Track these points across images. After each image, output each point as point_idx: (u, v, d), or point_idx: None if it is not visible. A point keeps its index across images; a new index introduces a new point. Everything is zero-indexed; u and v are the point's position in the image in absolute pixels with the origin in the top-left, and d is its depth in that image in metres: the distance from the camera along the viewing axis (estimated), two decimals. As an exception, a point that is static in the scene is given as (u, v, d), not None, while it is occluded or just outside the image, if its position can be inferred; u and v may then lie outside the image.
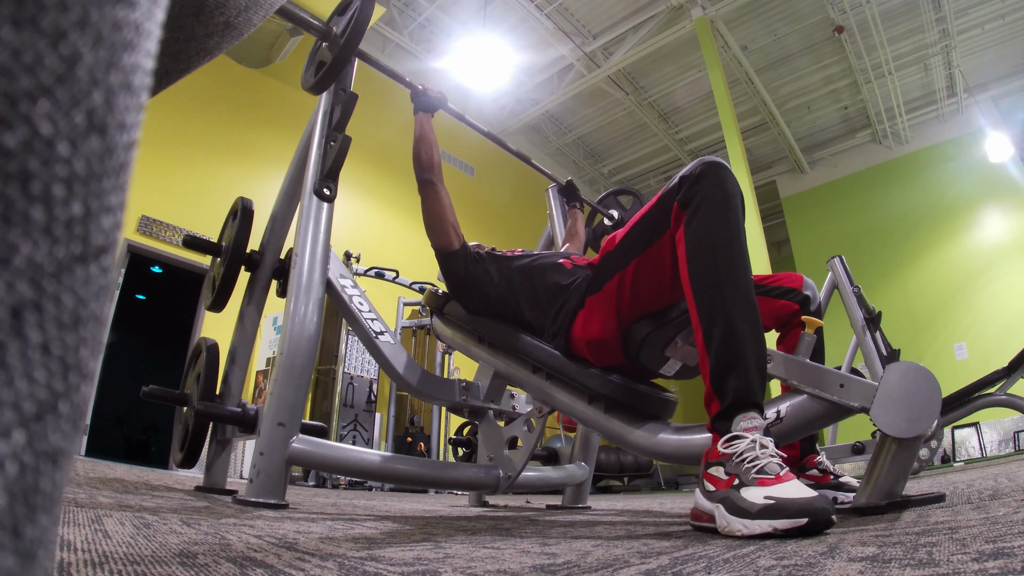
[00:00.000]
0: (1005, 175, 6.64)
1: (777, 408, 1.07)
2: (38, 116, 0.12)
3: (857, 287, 3.07)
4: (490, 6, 5.76)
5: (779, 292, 1.37)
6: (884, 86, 6.84)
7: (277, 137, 5.29)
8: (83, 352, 0.14)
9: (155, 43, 0.16)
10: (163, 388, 1.71)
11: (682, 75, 7.03)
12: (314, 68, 1.57)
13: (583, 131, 8.11)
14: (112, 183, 0.14)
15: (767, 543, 0.67)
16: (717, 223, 0.98)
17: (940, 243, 6.99)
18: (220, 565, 0.52)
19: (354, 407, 4.84)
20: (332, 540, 0.78)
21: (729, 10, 5.87)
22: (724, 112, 5.62)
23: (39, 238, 0.12)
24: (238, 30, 0.37)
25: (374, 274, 4.64)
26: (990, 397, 2.77)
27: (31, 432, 0.12)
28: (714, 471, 0.86)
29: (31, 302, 0.12)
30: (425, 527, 1.07)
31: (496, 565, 0.57)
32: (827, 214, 8.01)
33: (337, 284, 1.67)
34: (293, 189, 1.87)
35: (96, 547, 0.58)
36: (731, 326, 0.92)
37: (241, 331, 1.88)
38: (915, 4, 5.85)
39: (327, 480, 4.21)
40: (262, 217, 1.93)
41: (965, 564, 0.43)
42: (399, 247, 6.01)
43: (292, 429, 1.34)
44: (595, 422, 1.28)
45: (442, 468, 1.83)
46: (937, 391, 0.93)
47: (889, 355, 2.88)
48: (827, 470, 1.36)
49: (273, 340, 4.82)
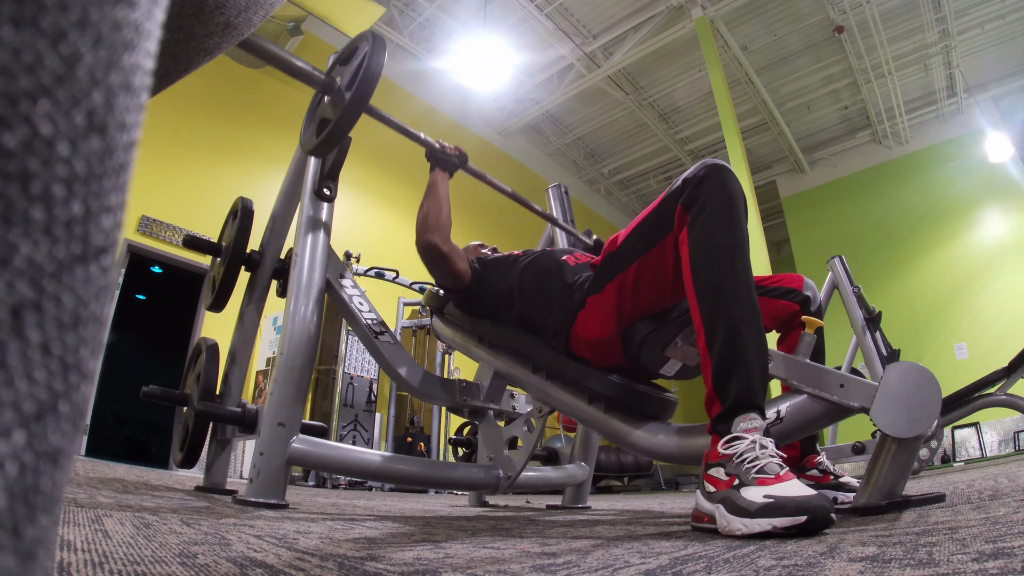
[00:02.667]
0: (1005, 175, 6.64)
1: (777, 408, 1.07)
2: (38, 116, 0.12)
3: (857, 287, 3.07)
4: (490, 6, 5.76)
5: (779, 293, 1.37)
6: (884, 86, 6.84)
7: (277, 137, 5.29)
8: (83, 352, 0.14)
9: (155, 43, 0.16)
10: (163, 388, 1.71)
11: (682, 75, 7.02)
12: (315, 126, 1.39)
13: (583, 131, 8.11)
14: (112, 183, 0.14)
15: (767, 543, 0.67)
16: (720, 225, 0.98)
17: (940, 243, 6.99)
18: (220, 565, 0.52)
19: (354, 407, 4.84)
20: (332, 540, 0.78)
21: (729, 10, 5.87)
22: (724, 112, 5.62)
23: (39, 238, 0.12)
24: (238, 30, 0.37)
25: (374, 274, 4.63)
26: (990, 397, 2.77)
27: (31, 432, 0.12)
28: (714, 472, 0.86)
29: (31, 302, 0.12)
30: (425, 527, 1.07)
31: (496, 565, 0.57)
32: (827, 214, 8.01)
33: (337, 284, 1.66)
34: (293, 189, 1.87)
35: (96, 547, 0.58)
36: (733, 328, 0.92)
37: (241, 331, 1.88)
38: (915, 4, 5.85)
39: (327, 480, 4.20)
40: (262, 217, 1.93)
41: (965, 564, 0.43)
42: (399, 247, 6.01)
43: (292, 429, 1.34)
44: (595, 422, 1.28)
45: (442, 468, 1.83)
46: (937, 391, 0.93)
47: (889, 355, 2.88)
48: (827, 470, 1.36)
49: (273, 340, 4.82)
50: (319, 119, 1.38)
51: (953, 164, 7.13)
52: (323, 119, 1.36)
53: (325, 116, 1.35)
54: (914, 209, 7.25)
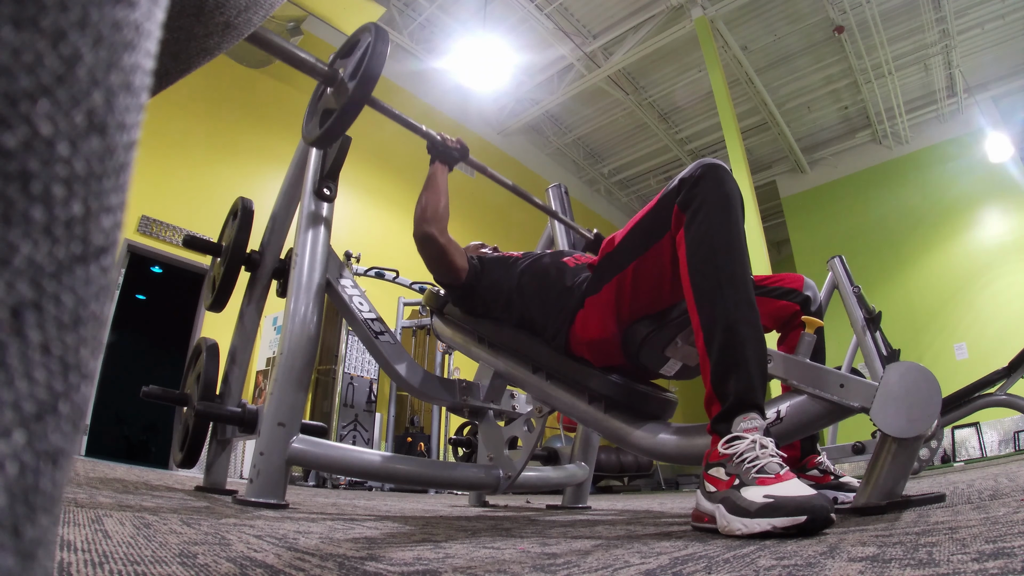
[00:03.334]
0: (1005, 175, 6.64)
1: (777, 408, 1.07)
2: (38, 116, 0.12)
3: (857, 287, 3.07)
4: (490, 6, 5.76)
5: (779, 293, 1.37)
6: (884, 86, 6.84)
7: (277, 137, 5.28)
8: (83, 352, 0.14)
9: (155, 43, 0.16)
10: (163, 388, 1.71)
11: (682, 75, 7.03)
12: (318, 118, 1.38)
13: (583, 131, 8.11)
14: (112, 183, 0.14)
15: (767, 543, 0.67)
16: (717, 225, 0.98)
17: (940, 243, 6.99)
18: (220, 565, 0.52)
19: (354, 407, 4.84)
20: (332, 540, 0.78)
21: (729, 10, 5.87)
22: (724, 112, 5.62)
23: (39, 238, 0.12)
24: (238, 30, 0.37)
25: (374, 274, 4.63)
26: (990, 397, 2.77)
27: (31, 432, 0.12)
28: (714, 472, 0.86)
29: (31, 302, 0.12)
30: (425, 527, 1.07)
31: (496, 565, 0.57)
32: (827, 214, 8.01)
33: (337, 284, 1.66)
34: (293, 189, 1.87)
35: (96, 547, 0.58)
36: (732, 328, 0.92)
37: (241, 331, 1.88)
38: (915, 4, 5.85)
39: (327, 480, 4.20)
40: (262, 217, 1.93)
41: (965, 564, 0.43)
42: (399, 247, 6.01)
43: (292, 429, 1.34)
44: (595, 422, 1.28)
45: (442, 468, 1.83)
46: (937, 391, 0.93)
47: (889, 355, 2.88)
48: (827, 470, 1.36)
49: (273, 340, 4.82)
50: (322, 110, 1.38)
51: (953, 164, 7.13)
52: (326, 110, 1.35)
53: (328, 107, 1.34)
54: (914, 209, 7.25)
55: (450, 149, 1.59)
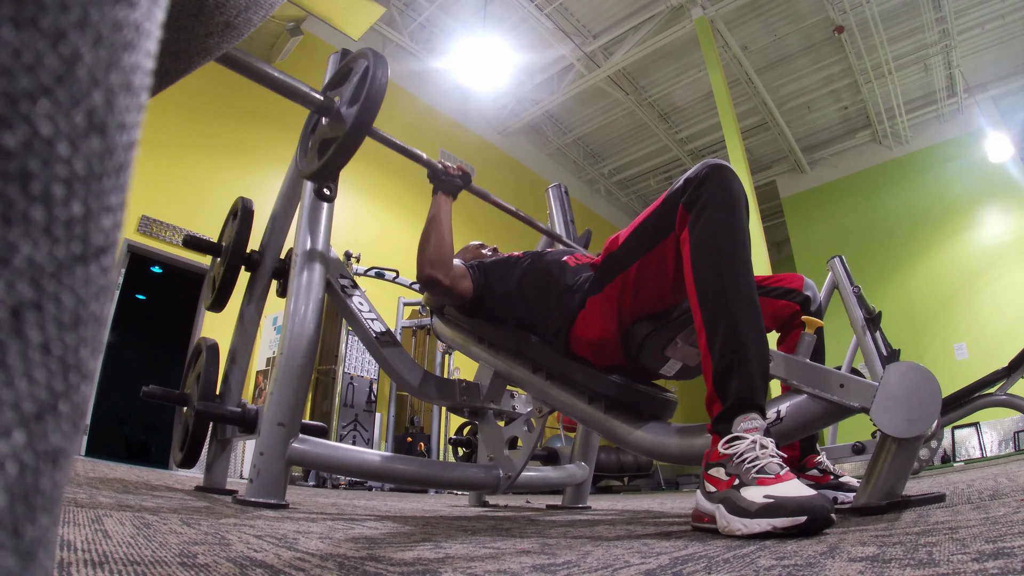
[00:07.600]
0: (1005, 175, 6.64)
1: (777, 408, 1.08)
2: (38, 116, 0.12)
3: (857, 287, 3.07)
4: (490, 6, 5.76)
5: (779, 293, 1.37)
6: (884, 86, 6.84)
7: (277, 137, 5.28)
8: (83, 352, 0.14)
9: (155, 43, 0.16)
10: (163, 388, 1.71)
11: (682, 75, 7.03)
12: (316, 151, 1.29)
13: (583, 131, 8.11)
14: (112, 183, 0.14)
15: (767, 543, 0.67)
16: (722, 225, 0.98)
17: (940, 243, 6.99)
18: (220, 565, 0.52)
19: (354, 407, 4.84)
20: (332, 540, 0.78)
21: (729, 10, 5.87)
22: (724, 112, 5.62)
23: (39, 238, 0.12)
24: (238, 30, 0.37)
25: (374, 274, 4.63)
26: (990, 397, 2.78)
27: (31, 432, 0.12)
28: (715, 472, 0.86)
29: (31, 302, 0.12)
30: (425, 527, 1.07)
31: (496, 565, 0.57)
32: (827, 214, 8.01)
33: (337, 284, 1.66)
34: (293, 189, 1.87)
35: (96, 547, 0.58)
36: (734, 328, 0.92)
37: (241, 331, 1.88)
38: (915, 4, 5.85)
39: (327, 480, 4.20)
40: (262, 217, 1.93)
41: (965, 564, 0.43)
42: (399, 247, 6.01)
43: (292, 429, 1.34)
44: (595, 422, 1.28)
45: (442, 468, 1.83)
46: (937, 391, 0.93)
47: (889, 355, 2.88)
48: (827, 470, 1.36)
49: (273, 340, 4.82)
50: (320, 141, 1.29)
51: (953, 164, 7.13)
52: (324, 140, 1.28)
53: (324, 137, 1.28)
54: (914, 209, 7.25)
55: (452, 178, 1.57)
